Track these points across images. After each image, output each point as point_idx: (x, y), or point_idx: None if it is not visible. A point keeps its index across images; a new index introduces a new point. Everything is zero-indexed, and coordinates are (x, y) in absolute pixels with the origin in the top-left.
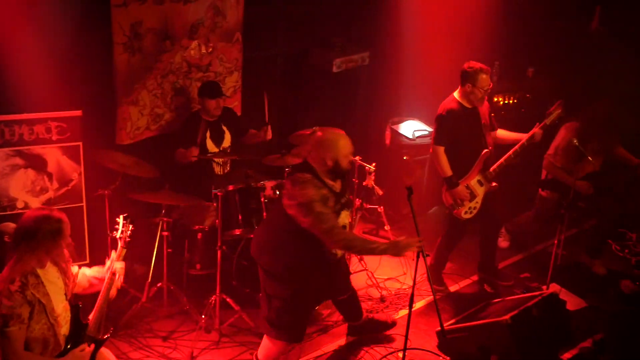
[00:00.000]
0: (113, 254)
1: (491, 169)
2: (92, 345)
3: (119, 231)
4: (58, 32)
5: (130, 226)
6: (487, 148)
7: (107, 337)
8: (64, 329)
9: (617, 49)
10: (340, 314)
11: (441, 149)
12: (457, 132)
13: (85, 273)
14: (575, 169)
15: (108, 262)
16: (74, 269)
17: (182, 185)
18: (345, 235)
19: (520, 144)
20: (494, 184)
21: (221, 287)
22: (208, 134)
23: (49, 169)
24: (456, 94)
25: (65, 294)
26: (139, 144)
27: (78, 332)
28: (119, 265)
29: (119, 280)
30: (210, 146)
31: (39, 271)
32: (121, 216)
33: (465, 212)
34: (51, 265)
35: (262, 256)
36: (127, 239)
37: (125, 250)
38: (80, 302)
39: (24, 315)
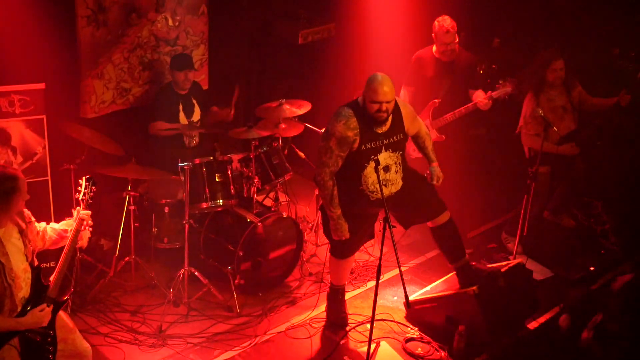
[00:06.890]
0: (79, 208)
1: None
2: (52, 306)
3: (82, 193)
4: (20, 4)
5: (93, 187)
6: (437, 99)
7: (67, 299)
8: (24, 290)
9: (582, 20)
10: None
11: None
12: (419, 78)
13: (54, 227)
14: (551, 133)
15: (75, 213)
16: (41, 225)
17: (148, 158)
18: (326, 180)
19: (465, 106)
20: (443, 137)
21: (189, 261)
22: (180, 107)
23: (12, 143)
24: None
25: (26, 255)
26: (105, 118)
27: (38, 294)
28: (85, 212)
29: (86, 231)
30: (182, 119)
31: None
32: (84, 178)
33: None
34: (12, 225)
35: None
36: (90, 201)
37: (89, 211)
38: (41, 264)
39: None
